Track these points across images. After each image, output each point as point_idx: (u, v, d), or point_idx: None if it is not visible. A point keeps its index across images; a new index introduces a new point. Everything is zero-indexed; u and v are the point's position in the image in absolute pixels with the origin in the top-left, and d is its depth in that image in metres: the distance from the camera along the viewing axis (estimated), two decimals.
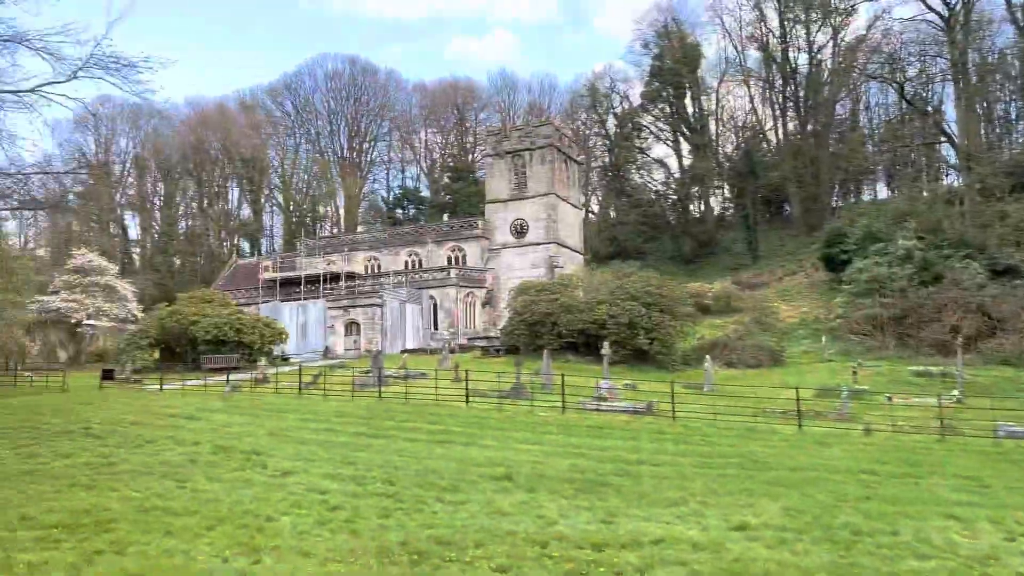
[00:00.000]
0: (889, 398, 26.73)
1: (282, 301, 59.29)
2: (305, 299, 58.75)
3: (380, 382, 29.01)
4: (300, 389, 29.02)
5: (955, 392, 27.61)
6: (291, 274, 62.58)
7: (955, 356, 30.51)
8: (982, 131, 64.26)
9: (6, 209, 21.50)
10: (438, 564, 8.62)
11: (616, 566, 8.53)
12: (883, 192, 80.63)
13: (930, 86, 69.40)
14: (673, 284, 45.01)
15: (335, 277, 61.00)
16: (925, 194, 61.59)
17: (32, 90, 18.06)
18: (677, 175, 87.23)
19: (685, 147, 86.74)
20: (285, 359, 47.30)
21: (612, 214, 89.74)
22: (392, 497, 12.64)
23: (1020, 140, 68.89)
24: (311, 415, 23.10)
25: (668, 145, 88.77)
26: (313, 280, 60.98)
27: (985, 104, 66.78)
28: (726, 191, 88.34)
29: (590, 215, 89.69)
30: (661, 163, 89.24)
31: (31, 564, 8.12)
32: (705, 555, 9.01)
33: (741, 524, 10.61)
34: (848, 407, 23.74)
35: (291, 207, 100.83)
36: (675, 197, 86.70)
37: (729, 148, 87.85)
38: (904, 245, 43.80)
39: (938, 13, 55.79)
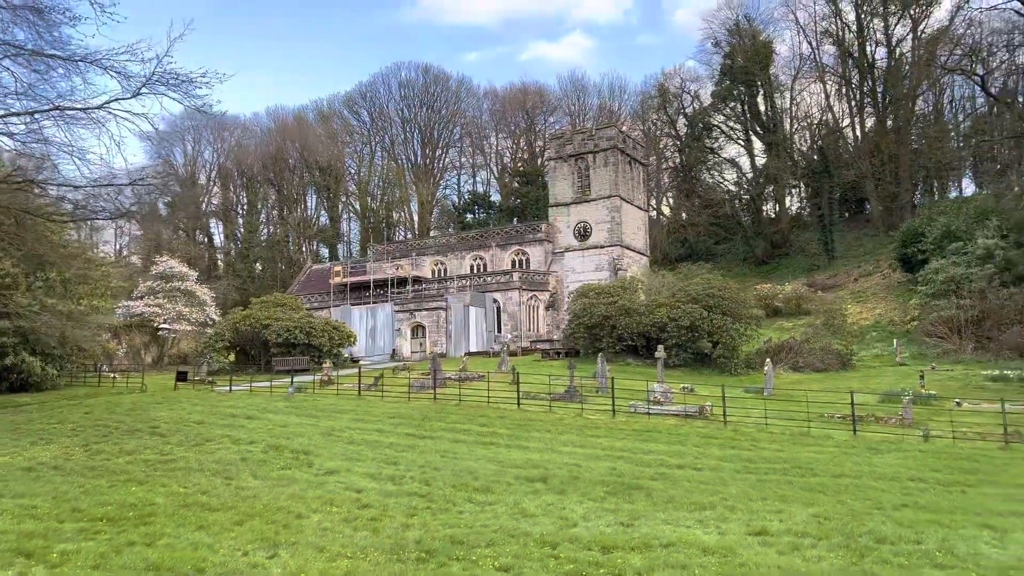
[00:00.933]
0: (958, 403, 25.62)
1: (352, 305, 60.81)
2: (374, 303, 60.12)
3: (436, 384, 29.52)
4: (360, 391, 29.85)
5: None
6: (361, 279, 64.13)
7: None
8: None
9: (79, 219, 22.86)
10: (443, 562, 8.84)
11: (617, 568, 8.57)
12: (970, 189, 77.01)
13: (1019, 77, 65.72)
14: (737, 286, 44.19)
15: (403, 281, 62.21)
16: (1016, 190, 58.34)
17: (100, 107, 19.27)
18: (750, 175, 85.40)
19: (758, 146, 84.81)
20: (355, 361, 48.59)
21: (683, 216, 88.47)
22: (424, 497, 12.95)
23: None
24: (366, 416, 23.73)
25: (740, 145, 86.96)
26: (382, 284, 62.35)
27: None
28: (801, 191, 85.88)
29: (661, 218, 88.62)
30: (733, 163, 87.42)
31: (64, 552, 8.72)
32: (712, 559, 8.95)
33: (761, 530, 10.48)
34: (911, 412, 22.90)
35: (367, 214, 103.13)
36: (748, 197, 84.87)
37: (804, 146, 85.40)
38: (984, 244, 41.75)
39: None
